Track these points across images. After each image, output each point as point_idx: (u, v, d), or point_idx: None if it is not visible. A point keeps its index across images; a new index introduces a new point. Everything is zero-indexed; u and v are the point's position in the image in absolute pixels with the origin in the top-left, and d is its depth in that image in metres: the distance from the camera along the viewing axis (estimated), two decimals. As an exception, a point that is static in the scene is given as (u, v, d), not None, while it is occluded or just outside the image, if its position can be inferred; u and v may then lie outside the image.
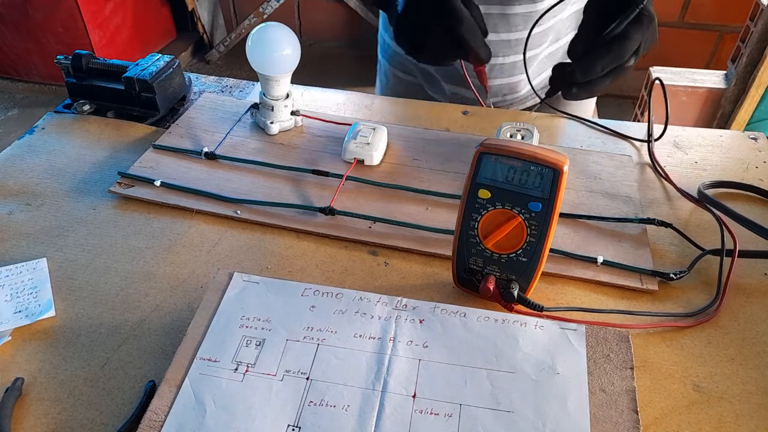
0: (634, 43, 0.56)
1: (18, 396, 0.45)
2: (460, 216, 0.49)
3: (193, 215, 0.62)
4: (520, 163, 0.46)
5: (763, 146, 0.74)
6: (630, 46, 0.55)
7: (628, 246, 0.58)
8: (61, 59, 0.76)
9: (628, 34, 0.55)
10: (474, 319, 0.47)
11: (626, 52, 0.56)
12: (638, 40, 0.56)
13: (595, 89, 0.58)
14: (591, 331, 0.46)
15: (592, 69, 0.56)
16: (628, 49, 0.56)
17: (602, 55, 0.56)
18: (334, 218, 0.61)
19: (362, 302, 0.49)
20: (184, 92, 0.81)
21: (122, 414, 0.44)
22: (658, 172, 0.69)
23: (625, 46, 0.55)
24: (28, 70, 2.53)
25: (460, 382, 0.43)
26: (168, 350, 0.48)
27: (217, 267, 0.56)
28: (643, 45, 0.56)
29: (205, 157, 0.69)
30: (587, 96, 0.59)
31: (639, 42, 0.56)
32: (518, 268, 0.49)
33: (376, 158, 0.68)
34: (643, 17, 0.56)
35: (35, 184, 0.66)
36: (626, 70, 0.57)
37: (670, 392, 0.46)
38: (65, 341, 0.49)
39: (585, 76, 0.57)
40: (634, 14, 0.56)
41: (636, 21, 0.56)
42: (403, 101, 0.83)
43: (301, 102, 0.81)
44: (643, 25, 0.56)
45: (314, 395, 0.42)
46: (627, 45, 0.55)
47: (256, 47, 0.68)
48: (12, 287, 0.53)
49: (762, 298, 0.54)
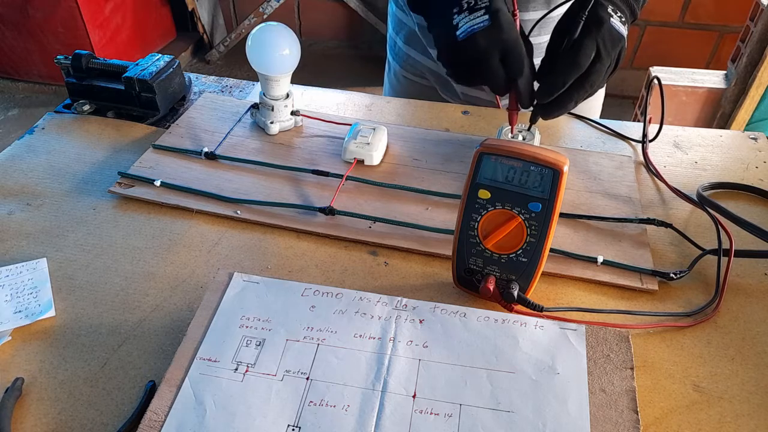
0: (588, 50, 0.56)
1: (18, 396, 0.45)
2: (460, 216, 0.49)
3: (193, 215, 0.62)
4: (520, 164, 0.46)
5: (763, 146, 0.74)
6: (585, 53, 0.56)
7: (628, 246, 0.58)
8: (61, 59, 0.76)
9: (580, 43, 0.57)
10: (474, 319, 0.47)
11: (582, 60, 0.56)
12: (592, 46, 0.56)
13: (565, 104, 0.59)
14: (591, 331, 0.46)
15: (554, 85, 0.57)
16: (583, 56, 0.56)
17: (560, 70, 0.57)
18: (334, 218, 0.61)
19: (362, 302, 0.49)
20: (184, 92, 0.80)
21: (122, 414, 0.44)
22: (651, 172, 0.69)
23: (579, 55, 0.56)
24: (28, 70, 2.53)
25: (460, 382, 0.43)
26: (168, 350, 0.48)
27: (217, 267, 0.56)
28: (602, 49, 0.57)
29: (205, 157, 0.69)
30: (560, 112, 0.60)
31: (594, 47, 0.57)
32: (518, 268, 0.49)
33: (376, 158, 0.68)
34: (592, 24, 0.57)
35: (35, 184, 0.66)
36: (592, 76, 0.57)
37: (670, 392, 0.46)
38: (65, 341, 0.49)
39: (549, 94, 0.58)
40: (580, 25, 0.57)
41: (585, 29, 0.57)
42: (403, 101, 0.83)
43: (301, 102, 0.81)
44: (594, 31, 0.57)
45: (314, 395, 0.42)
46: (581, 53, 0.56)
47: (256, 47, 0.68)
48: (12, 287, 0.53)
49: (762, 298, 0.54)
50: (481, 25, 0.57)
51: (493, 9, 0.58)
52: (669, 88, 1.53)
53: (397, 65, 0.94)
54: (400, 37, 0.91)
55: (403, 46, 0.90)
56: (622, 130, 0.76)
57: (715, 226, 0.58)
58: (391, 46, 0.96)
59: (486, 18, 0.57)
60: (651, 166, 0.69)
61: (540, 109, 0.61)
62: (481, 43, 0.57)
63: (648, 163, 0.70)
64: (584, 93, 0.58)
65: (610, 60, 0.58)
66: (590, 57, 0.56)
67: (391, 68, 0.98)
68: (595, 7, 0.58)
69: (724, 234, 0.57)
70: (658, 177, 0.67)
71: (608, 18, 0.58)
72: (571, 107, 0.59)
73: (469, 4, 0.59)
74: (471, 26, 0.58)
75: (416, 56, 0.89)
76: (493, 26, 0.57)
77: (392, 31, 0.94)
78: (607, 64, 0.58)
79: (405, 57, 0.92)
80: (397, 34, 0.91)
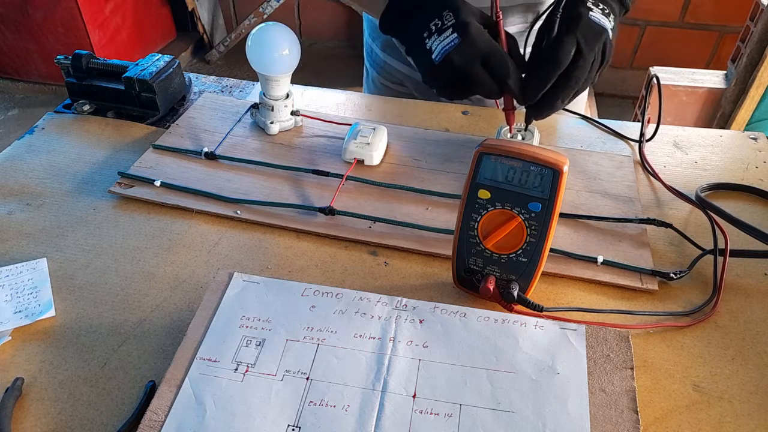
0: (568, 46, 0.56)
1: (18, 396, 0.45)
2: (460, 216, 0.49)
3: (193, 215, 0.62)
4: (519, 164, 0.46)
5: (763, 146, 0.74)
6: (564, 49, 0.56)
7: (628, 246, 0.58)
8: (61, 59, 0.76)
9: (559, 40, 0.57)
10: (474, 319, 0.47)
11: (562, 56, 0.56)
12: (571, 42, 0.56)
13: (552, 102, 0.59)
14: (591, 331, 0.46)
15: (537, 85, 0.58)
16: (562, 53, 0.56)
17: (542, 69, 0.57)
18: (334, 218, 0.61)
19: (362, 302, 0.49)
20: (184, 92, 0.80)
21: (122, 414, 0.44)
22: (648, 171, 0.69)
23: (559, 52, 0.56)
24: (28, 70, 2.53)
25: (460, 382, 0.43)
26: (168, 350, 0.48)
27: (217, 267, 0.56)
28: (583, 44, 0.57)
29: (205, 157, 0.69)
30: (549, 111, 0.60)
31: (574, 43, 0.57)
32: (518, 268, 0.49)
33: (376, 158, 0.68)
34: (569, 20, 0.57)
35: (35, 184, 0.66)
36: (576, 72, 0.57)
37: (670, 392, 0.46)
38: (65, 341, 0.49)
39: (535, 95, 0.58)
40: (557, 23, 0.57)
41: (563, 26, 0.57)
42: (403, 101, 0.83)
43: (301, 102, 0.81)
44: (571, 27, 0.57)
45: (314, 395, 0.42)
46: (560, 50, 0.56)
47: (256, 47, 0.68)
48: (12, 287, 0.53)
49: (762, 298, 0.54)
50: (452, 44, 0.58)
51: (460, 24, 0.58)
52: (669, 88, 1.53)
53: (375, 72, 0.94)
54: (377, 44, 0.90)
55: (381, 53, 0.90)
56: (622, 130, 0.76)
57: (711, 226, 0.58)
58: (368, 52, 0.95)
59: (455, 36, 0.58)
60: (648, 165, 0.69)
61: (529, 110, 0.61)
62: (457, 60, 0.58)
63: (645, 162, 0.70)
64: (570, 90, 0.58)
65: (594, 54, 0.58)
66: (570, 53, 0.56)
67: (369, 75, 0.97)
68: (572, 3, 0.58)
69: (720, 234, 0.57)
70: (655, 177, 0.67)
71: (587, 12, 0.58)
72: (559, 105, 0.59)
73: (437, 26, 0.60)
74: (443, 48, 0.58)
75: (393, 63, 0.89)
76: (463, 42, 0.57)
77: (369, 38, 0.93)
78: (591, 59, 0.57)
79: (382, 64, 0.91)
80: (374, 41, 0.91)
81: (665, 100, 1.46)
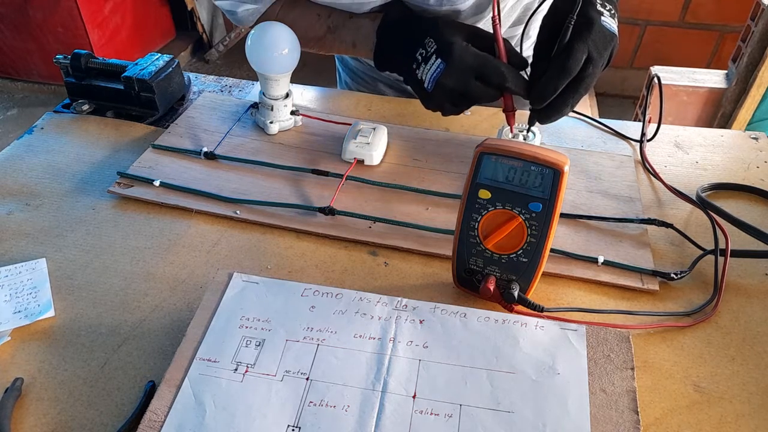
0: (580, 54, 0.55)
1: (18, 396, 0.45)
2: (460, 216, 0.49)
3: (193, 215, 0.62)
4: (520, 164, 0.46)
5: (763, 146, 0.74)
6: (576, 57, 0.55)
7: (629, 246, 0.58)
8: (61, 59, 0.76)
9: (571, 47, 0.56)
10: (474, 320, 0.47)
11: (574, 64, 0.55)
12: (583, 49, 0.55)
13: (560, 108, 0.58)
14: (591, 332, 0.46)
15: (546, 90, 0.57)
16: (574, 61, 0.55)
17: (553, 76, 0.56)
18: (334, 218, 0.61)
19: (362, 302, 0.49)
20: (183, 92, 0.80)
21: (122, 414, 0.44)
22: (649, 171, 0.69)
23: (570, 59, 0.55)
24: (27, 70, 2.53)
25: (460, 382, 0.43)
26: (168, 350, 0.48)
27: (216, 267, 0.56)
28: (594, 51, 0.56)
29: (205, 156, 0.69)
30: (557, 116, 0.60)
31: (586, 51, 0.56)
32: (518, 268, 0.49)
33: (376, 158, 0.68)
34: (582, 26, 0.56)
35: (34, 184, 0.66)
36: (587, 79, 0.57)
37: (671, 392, 0.46)
38: (65, 341, 0.49)
39: (543, 100, 0.57)
40: (570, 29, 0.56)
41: (576, 32, 0.56)
42: (403, 101, 0.83)
43: (301, 102, 0.81)
44: (584, 34, 0.56)
45: (314, 395, 0.42)
46: (573, 58, 0.55)
47: (255, 47, 0.67)
48: (11, 287, 0.53)
49: (762, 298, 0.54)
50: (439, 70, 0.59)
51: (442, 48, 0.58)
52: (670, 87, 1.53)
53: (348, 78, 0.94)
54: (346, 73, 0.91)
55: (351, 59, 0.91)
56: (623, 130, 0.76)
57: (712, 226, 0.58)
58: (338, 57, 0.95)
59: (439, 62, 0.59)
60: (649, 165, 0.69)
61: (536, 114, 0.60)
62: (449, 84, 0.59)
63: (645, 162, 0.70)
64: (579, 96, 0.58)
65: (603, 61, 0.57)
66: (581, 61, 0.56)
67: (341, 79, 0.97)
68: (585, 7, 0.57)
69: (721, 234, 0.57)
70: (655, 177, 0.67)
71: (598, 17, 0.57)
72: (567, 111, 0.59)
73: (422, 55, 0.61)
74: (432, 75, 0.60)
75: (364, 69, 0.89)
76: (449, 65, 0.58)
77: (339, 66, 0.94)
78: (600, 65, 0.57)
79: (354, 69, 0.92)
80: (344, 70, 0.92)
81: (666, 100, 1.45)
